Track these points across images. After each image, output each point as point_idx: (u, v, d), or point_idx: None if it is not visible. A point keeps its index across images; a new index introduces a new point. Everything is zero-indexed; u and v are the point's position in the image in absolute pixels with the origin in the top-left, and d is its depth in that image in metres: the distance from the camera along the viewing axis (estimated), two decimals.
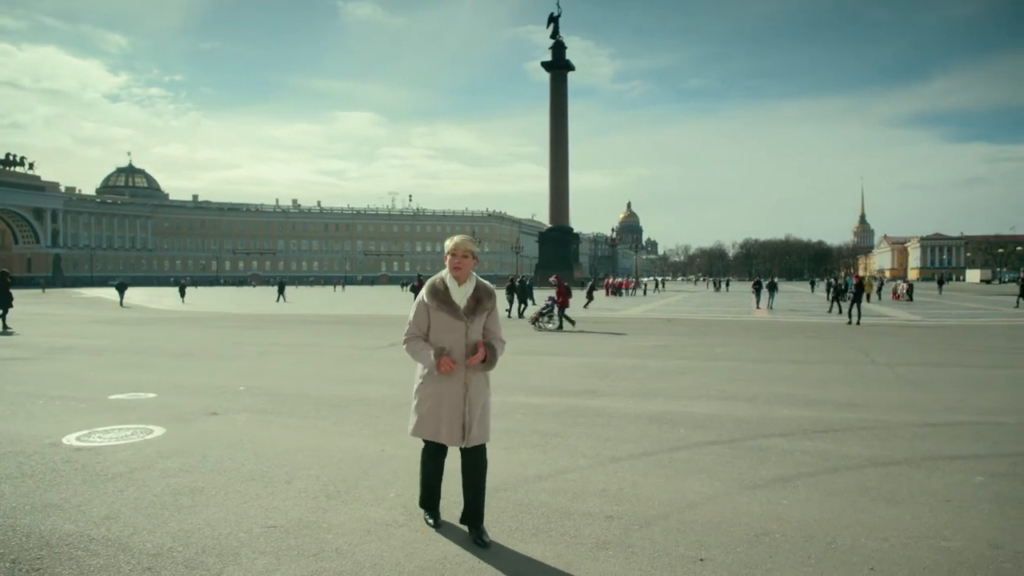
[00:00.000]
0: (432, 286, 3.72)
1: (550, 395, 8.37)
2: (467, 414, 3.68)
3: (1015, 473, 5.00)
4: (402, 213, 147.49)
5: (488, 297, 3.77)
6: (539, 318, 19.79)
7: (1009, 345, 14.87)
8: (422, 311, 3.72)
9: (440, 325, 3.69)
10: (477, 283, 3.76)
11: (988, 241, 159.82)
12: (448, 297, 3.68)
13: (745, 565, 3.44)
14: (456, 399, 3.68)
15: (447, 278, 3.71)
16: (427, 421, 3.73)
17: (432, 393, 3.71)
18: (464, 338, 3.69)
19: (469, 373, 3.70)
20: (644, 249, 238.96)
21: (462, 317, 3.67)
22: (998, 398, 8.16)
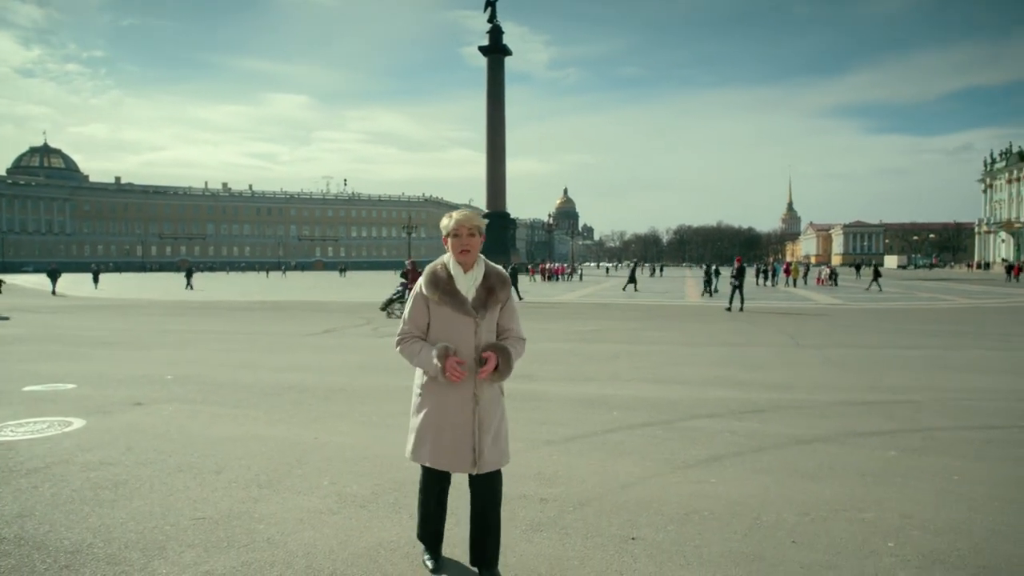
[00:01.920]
0: (432, 275, 3.00)
1: None
2: (477, 433, 2.96)
3: (925, 448, 5.28)
4: (337, 198, 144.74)
5: (502, 285, 3.04)
6: (390, 304, 18.79)
7: (922, 327, 15.68)
8: (419, 306, 3.01)
9: (443, 323, 2.98)
10: (487, 268, 3.04)
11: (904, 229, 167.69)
12: (452, 287, 2.96)
13: (675, 542, 3.54)
14: (463, 415, 2.96)
15: (450, 264, 3.01)
16: (428, 443, 3.01)
17: (435, 408, 2.99)
18: (474, 338, 2.96)
19: (479, 381, 2.98)
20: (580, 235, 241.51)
21: (471, 312, 2.95)
22: (911, 377, 8.60)
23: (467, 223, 2.99)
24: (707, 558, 3.35)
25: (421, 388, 3.06)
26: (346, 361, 10.18)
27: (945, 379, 8.47)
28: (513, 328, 3.11)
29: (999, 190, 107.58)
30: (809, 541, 3.55)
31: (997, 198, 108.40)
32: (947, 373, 8.98)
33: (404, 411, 6.59)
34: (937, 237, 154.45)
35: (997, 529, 3.69)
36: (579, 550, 3.46)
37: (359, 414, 6.54)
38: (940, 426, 5.98)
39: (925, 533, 3.64)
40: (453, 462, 2.99)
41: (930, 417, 6.33)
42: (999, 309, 21.48)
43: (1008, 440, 5.52)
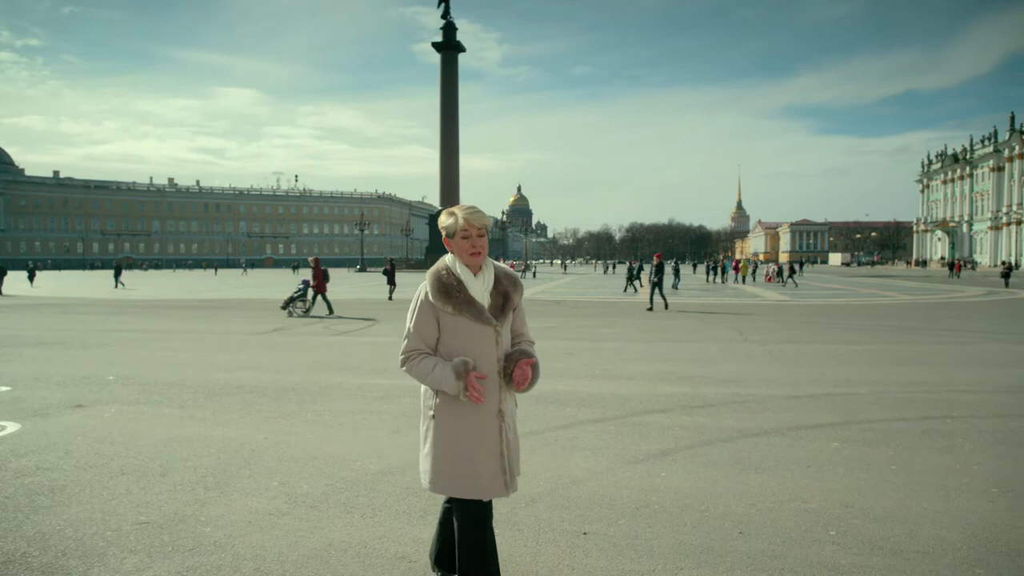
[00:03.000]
0: (439, 282, 2.62)
1: None
2: (507, 454, 2.67)
3: (865, 439, 5.46)
4: (288, 194, 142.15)
5: (515, 288, 2.74)
6: (291, 303, 18.17)
7: (865, 323, 16.18)
8: (427, 318, 2.62)
9: (459, 336, 2.62)
10: (496, 270, 2.73)
11: (848, 227, 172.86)
12: (467, 295, 2.61)
13: (626, 536, 3.59)
14: (490, 434, 2.64)
15: (458, 268, 2.64)
16: (452, 470, 2.63)
17: (455, 429, 2.63)
18: (495, 349, 2.65)
19: (503, 396, 2.68)
20: (534, 232, 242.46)
21: (490, 321, 2.63)
22: (854, 371, 8.87)
23: (478, 221, 2.63)
24: (657, 550, 3.40)
25: (434, 407, 2.67)
26: (298, 360, 10.02)
27: (885, 373, 8.76)
28: (525, 332, 2.86)
29: (935, 191, 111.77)
30: (755, 531, 3.63)
31: (933, 198, 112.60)
32: (887, 367, 9.28)
33: (357, 409, 6.60)
34: (879, 235, 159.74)
35: (930, 515, 3.83)
36: (531, 546, 3.48)
37: (311, 413, 6.45)
38: (880, 418, 6.18)
39: (865, 521, 3.76)
40: (484, 487, 2.63)
41: (871, 409, 6.53)
42: (938, 305, 22.31)
43: (943, 430, 5.73)
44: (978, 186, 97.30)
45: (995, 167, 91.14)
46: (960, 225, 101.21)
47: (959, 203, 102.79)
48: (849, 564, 3.25)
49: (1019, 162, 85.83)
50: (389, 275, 25.73)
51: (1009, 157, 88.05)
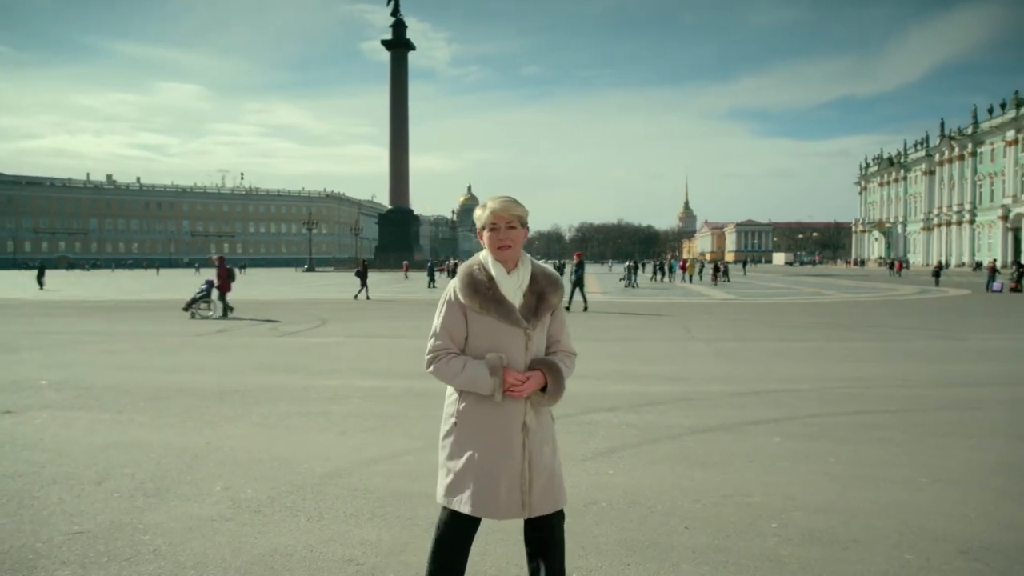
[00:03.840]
0: (469, 277, 2.43)
1: (389, 378, 8.30)
2: (527, 472, 2.42)
3: (806, 433, 5.62)
4: (233, 192, 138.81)
5: (553, 288, 2.49)
6: (193, 303, 17.59)
7: (806, 321, 16.66)
8: (455, 316, 2.43)
9: (486, 336, 2.42)
10: (533, 268, 2.51)
11: (791, 228, 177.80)
12: (497, 292, 2.40)
13: (573, 533, 3.60)
14: (511, 448, 2.41)
15: (489, 264, 2.44)
16: (469, 485, 2.39)
17: (475, 440, 2.41)
18: (524, 353, 2.42)
19: (529, 408, 2.44)
20: None
21: (520, 322, 2.41)
22: (795, 368, 9.12)
23: (506, 212, 2.42)
24: (604, 547, 3.43)
25: (456, 414, 2.46)
26: (242, 361, 9.80)
27: (825, 369, 9.04)
28: (563, 340, 2.58)
29: (872, 192, 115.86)
30: (700, 526, 3.70)
31: (871, 200, 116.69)
32: (827, 363, 9.58)
33: (304, 411, 6.49)
34: (820, 235, 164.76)
35: (865, 505, 3.97)
36: (480, 546, 3.46)
37: (256, 416, 6.32)
38: (820, 413, 6.37)
39: (805, 513, 3.87)
40: (498, 507, 2.39)
41: (811, 405, 6.72)
42: (874, 303, 23.11)
43: (878, 424, 5.94)
44: (912, 189, 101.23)
45: (927, 171, 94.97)
46: (895, 226, 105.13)
47: (894, 205, 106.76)
48: (789, 555, 3.34)
49: (948, 166, 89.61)
50: (361, 276, 25.94)
51: (940, 161, 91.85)
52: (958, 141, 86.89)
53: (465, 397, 2.44)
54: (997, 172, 79.16)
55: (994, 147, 79.92)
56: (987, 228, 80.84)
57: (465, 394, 2.44)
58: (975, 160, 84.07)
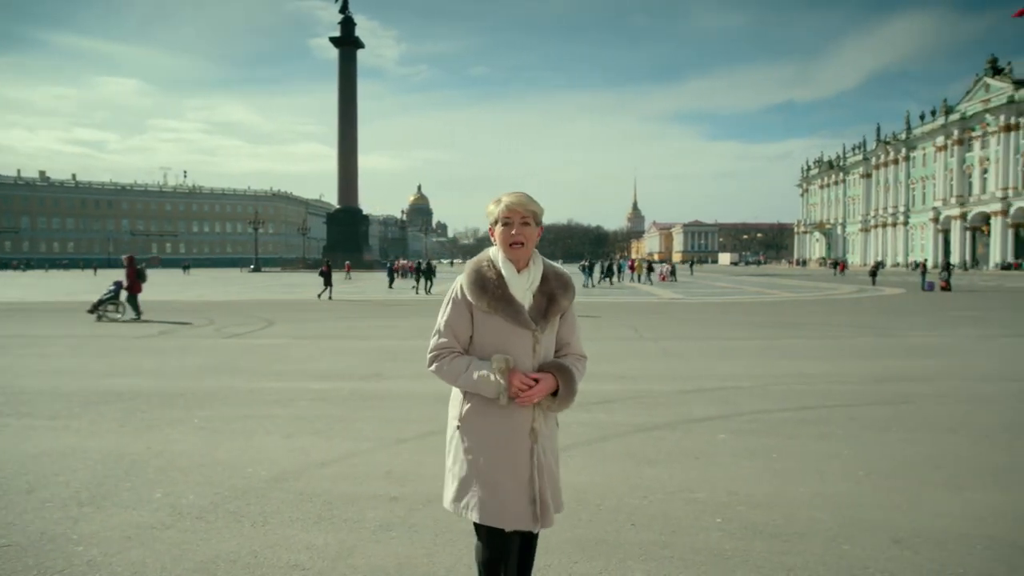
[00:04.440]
0: (476, 273, 2.33)
1: (336, 380, 8.18)
2: (537, 480, 2.31)
3: (749, 429, 5.75)
4: (176, 190, 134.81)
5: (564, 290, 2.40)
6: (100, 305, 16.75)
7: (751, 319, 17.06)
8: (460, 314, 2.35)
9: (493, 337, 2.32)
10: (545, 268, 2.41)
11: (736, 228, 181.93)
12: (506, 291, 2.30)
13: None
14: (519, 455, 2.31)
15: (499, 262, 2.34)
16: (476, 493, 2.31)
17: (481, 445, 2.31)
18: (532, 356, 2.33)
19: (538, 413, 2.34)
20: (434, 232, 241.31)
21: (528, 324, 2.31)
22: (740, 365, 9.33)
23: (520, 207, 2.32)
24: (553, 545, 3.45)
25: (460, 417, 2.36)
26: (184, 364, 9.53)
27: (768, 366, 9.27)
28: (573, 343, 2.50)
29: (814, 195, 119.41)
30: (647, 523, 3.75)
31: (812, 201, 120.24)
32: (770, 361, 9.82)
33: (249, 414, 6.34)
34: (764, 236, 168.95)
35: (806, 498, 4.08)
36: (428, 547, 3.45)
37: (199, 420, 6.16)
38: (763, 409, 6.53)
39: (749, 507, 3.97)
40: (506, 516, 2.29)
41: (755, 401, 6.89)
42: (815, 302, 23.80)
43: (819, 419, 6.12)
44: (850, 191, 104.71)
45: (864, 174, 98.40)
46: (835, 227, 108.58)
47: (834, 207, 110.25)
48: (733, 549, 3.42)
49: (884, 170, 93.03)
50: (326, 276, 25.83)
51: (876, 165, 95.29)
52: (893, 146, 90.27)
53: (470, 399, 2.34)
54: (928, 176, 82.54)
55: (925, 152, 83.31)
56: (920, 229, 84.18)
57: (470, 395, 2.34)
58: (908, 164, 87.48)
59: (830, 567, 3.22)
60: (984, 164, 72.50)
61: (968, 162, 75.26)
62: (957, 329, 14.27)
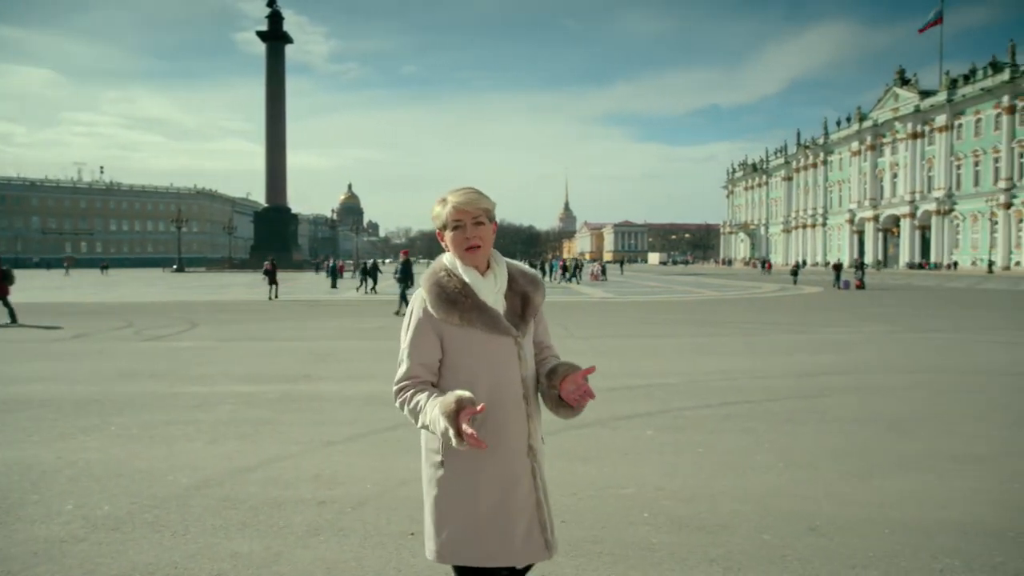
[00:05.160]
0: (438, 287, 2.04)
1: (263, 382, 7.97)
2: (545, 504, 2.07)
3: (676, 425, 5.90)
4: (92, 187, 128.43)
5: (535, 287, 2.16)
6: None
7: (677, 318, 17.50)
8: (426, 336, 2.03)
9: (471, 353, 2.03)
10: (509, 267, 2.16)
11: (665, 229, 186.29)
12: (476, 299, 2.02)
13: None
14: (522, 479, 2.04)
15: (459, 269, 2.06)
16: (480, 534, 1.99)
17: (474, 480, 2.00)
18: (518, 366, 2.07)
19: (532, 428, 2.09)
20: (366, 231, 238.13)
21: (508, 329, 2.05)
22: (667, 363, 9.56)
23: (470, 206, 2.03)
24: None
25: (441, 450, 2.01)
26: (101, 368, 9.11)
27: (694, 363, 9.53)
28: (552, 344, 2.28)
29: (738, 196, 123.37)
30: (577, 519, 3.80)
31: (737, 203, 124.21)
32: (696, 358, 10.10)
33: (170, 420, 6.12)
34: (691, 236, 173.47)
35: (729, 491, 4.22)
36: (356, 551, 3.41)
37: (116, 427, 5.90)
38: (689, 405, 6.71)
39: (675, 501, 4.07)
40: (516, 552, 2.00)
41: (681, 398, 7.07)
42: (739, 300, 24.60)
43: (742, 414, 6.33)
44: (773, 193, 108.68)
45: (786, 177, 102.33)
46: (759, 227, 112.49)
47: (758, 208, 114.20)
48: (660, 542, 3.50)
49: (804, 173, 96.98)
50: (270, 275, 25.47)
51: (796, 168, 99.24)
52: (812, 150, 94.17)
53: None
54: (845, 180, 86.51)
55: (842, 157, 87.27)
56: (837, 230, 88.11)
57: None
58: (826, 168, 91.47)
59: (751, 556, 3.33)
60: (894, 169, 76.48)
61: (880, 167, 79.23)
62: (869, 326, 15.00)
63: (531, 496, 2.03)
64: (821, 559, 3.30)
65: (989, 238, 62.44)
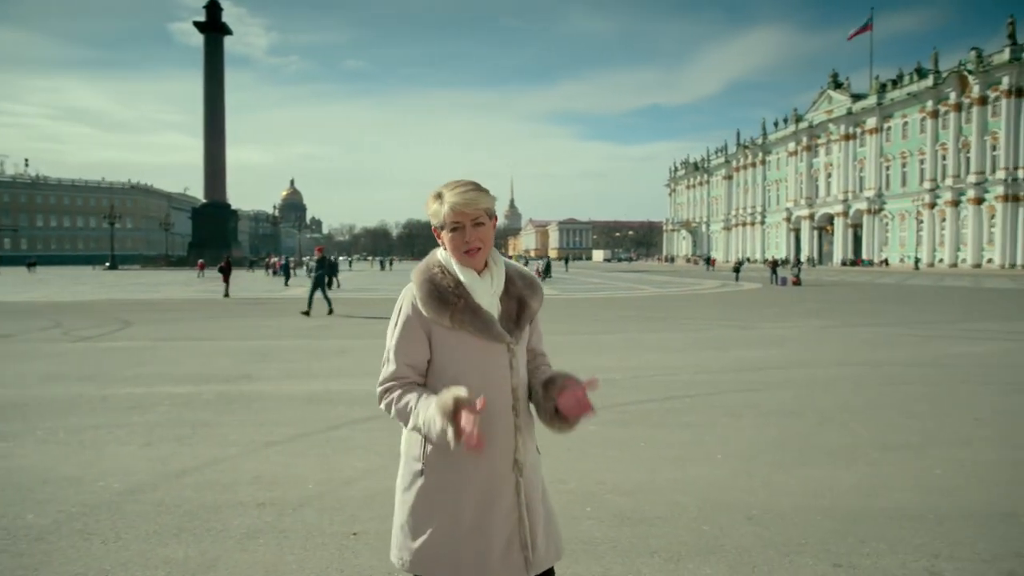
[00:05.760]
0: (430, 283, 1.91)
1: (201, 383, 7.75)
2: (527, 519, 1.93)
3: (619, 420, 5.98)
4: (16, 180, 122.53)
5: (532, 291, 2.02)
6: None
7: (621, 314, 17.75)
8: (415, 335, 1.91)
9: (459, 358, 1.91)
10: (507, 268, 2.02)
11: (609, 226, 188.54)
12: (470, 301, 1.90)
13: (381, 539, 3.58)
14: (504, 493, 1.91)
15: (455, 268, 1.93)
16: (449, 546, 1.88)
17: (454, 489, 1.88)
18: (509, 375, 1.94)
19: (520, 441, 1.95)
20: (308, 228, 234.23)
21: (502, 336, 1.92)
22: (611, 358, 9.69)
23: (470, 207, 1.88)
24: None
25: (422, 457, 1.90)
26: (24, 371, 8.71)
27: (638, 359, 9.68)
28: (546, 352, 2.15)
29: (681, 195, 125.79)
30: None
31: (679, 201, 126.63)
32: (640, 353, 10.26)
33: (101, 423, 5.91)
34: (635, 234, 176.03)
35: (670, 484, 4.30)
36: (298, 553, 3.35)
37: (42, 431, 5.65)
38: (631, 400, 6.81)
39: (617, 495, 4.12)
40: (494, 566, 1.88)
41: (625, 393, 7.17)
42: (681, 296, 25.09)
43: (683, 408, 6.46)
44: (714, 191, 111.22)
45: (726, 176, 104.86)
46: (700, 225, 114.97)
47: (699, 206, 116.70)
48: (602, 536, 3.54)
49: (744, 172, 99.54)
50: (225, 272, 25.71)
51: (736, 168, 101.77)
52: (751, 150, 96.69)
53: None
54: (782, 179, 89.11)
55: (779, 157, 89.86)
56: (775, 228, 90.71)
57: None
58: (765, 168, 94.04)
59: (691, 547, 3.40)
60: (828, 169, 79.17)
61: (815, 167, 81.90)
62: (804, 320, 15.50)
63: (513, 513, 1.91)
64: (758, 547, 3.39)
65: (916, 236, 65.28)
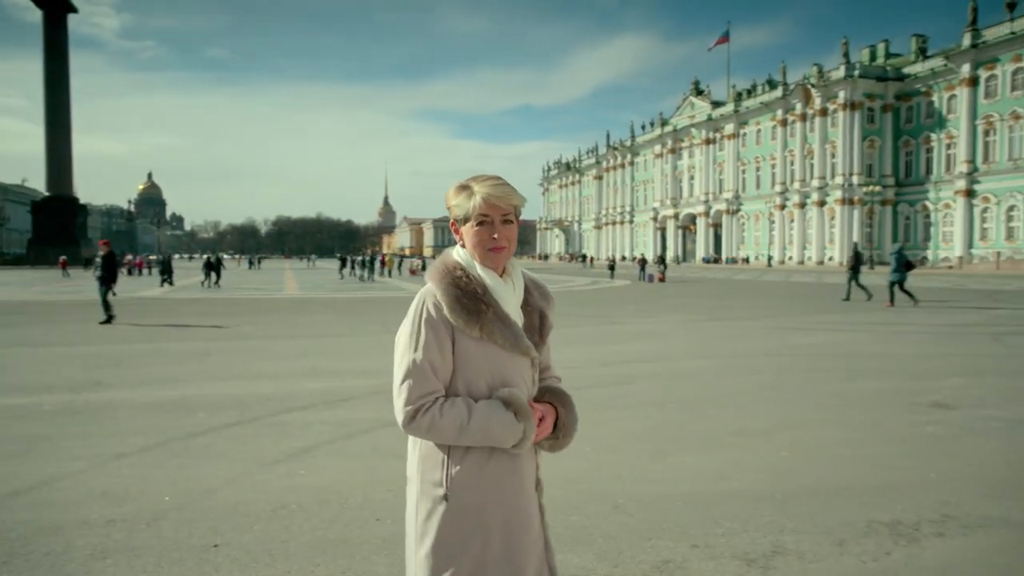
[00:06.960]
0: (456, 288, 1.74)
1: (41, 392, 7.09)
2: (550, 542, 1.85)
3: None
4: None
5: (549, 303, 1.91)
6: None
7: None
8: (442, 346, 1.71)
9: (484, 371, 1.74)
10: (524, 277, 1.89)
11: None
12: (499, 310, 1.74)
13: (260, 541, 3.44)
14: (531, 516, 1.80)
15: (479, 270, 1.77)
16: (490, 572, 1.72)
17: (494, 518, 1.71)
18: (531, 389, 1.84)
19: (540, 459, 1.90)
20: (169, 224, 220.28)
21: (529, 349, 1.78)
22: None
23: (502, 201, 1.74)
24: (293, 551, 3.33)
25: (445, 482, 1.71)
26: None
27: None
28: (552, 366, 2.03)
29: (554, 194, 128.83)
30: (392, 516, 3.77)
31: (552, 200, 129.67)
32: None
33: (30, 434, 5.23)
34: None
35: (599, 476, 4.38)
36: (151, 571, 3.14)
37: None
38: None
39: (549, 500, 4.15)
40: None
41: None
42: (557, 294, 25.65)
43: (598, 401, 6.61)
44: (585, 191, 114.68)
45: (597, 176, 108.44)
46: (573, 224, 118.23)
47: (572, 205, 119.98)
48: None
49: (613, 173, 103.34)
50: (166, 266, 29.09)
51: (606, 168, 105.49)
52: (620, 152, 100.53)
53: (461, 456, 1.72)
54: (649, 180, 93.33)
55: (646, 159, 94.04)
56: (643, 227, 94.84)
57: (459, 451, 1.72)
58: (633, 169, 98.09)
59: (561, 537, 3.48)
60: (691, 171, 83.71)
61: (679, 169, 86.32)
62: (670, 316, 16.31)
63: (540, 538, 1.81)
64: (624, 534, 3.53)
65: (768, 235, 70.33)
